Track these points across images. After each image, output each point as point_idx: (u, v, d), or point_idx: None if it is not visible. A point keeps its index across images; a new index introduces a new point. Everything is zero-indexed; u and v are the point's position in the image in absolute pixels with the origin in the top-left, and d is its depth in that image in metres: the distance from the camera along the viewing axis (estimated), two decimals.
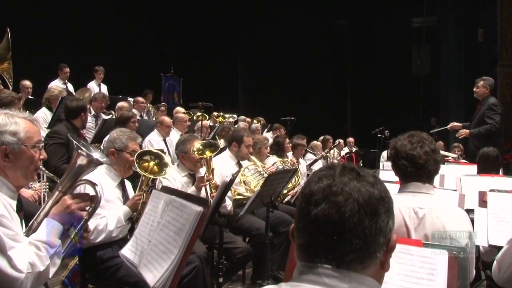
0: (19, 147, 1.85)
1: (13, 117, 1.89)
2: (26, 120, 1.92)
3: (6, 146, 1.82)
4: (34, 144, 1.91)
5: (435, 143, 2.27)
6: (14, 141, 1.84)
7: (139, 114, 8.22)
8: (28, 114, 2.00)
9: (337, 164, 1.13)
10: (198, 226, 1.88)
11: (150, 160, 3.14)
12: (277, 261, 4.54)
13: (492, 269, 2.26)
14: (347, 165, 1.12)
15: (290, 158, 6.22)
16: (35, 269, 1.73)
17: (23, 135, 1.86)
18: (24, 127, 1.88)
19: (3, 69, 5.15)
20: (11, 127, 1.85)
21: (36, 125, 1.97)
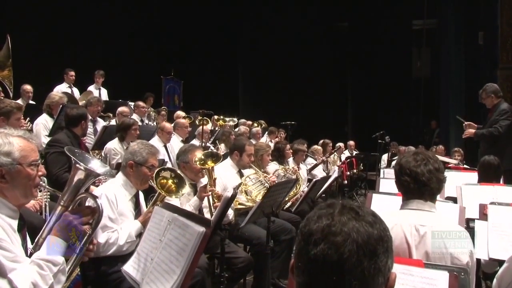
0: (15, 167, 1.84)
1: (7, 137, 1.87)
2: (21, 139, 1.90)
3: (2, 167, 1.81)
4: (30, 163, 1.89)
5: (440, 162, 2.27)
6: (9, 162, 1.83)
7: (140, 118, 8.22)
8: (24, 132, 1.98)
9: (336, 203, 1.14)
10: (201, 246, 1.89)
11: (169, 178, 3.15)
12: (277, 269, 4.55)
13: (493, 286, 2.27)
14: (346, 204, 1.12)
15: (291, 165, 6.23)
16: None
17: (17, 155, 1.85)
18: (18, 147, 1.87)
19: (3, 76, 5.16)
20: (4, 148, 1.84)
21: (31, 143, 1.94)
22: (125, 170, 3.09)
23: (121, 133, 5.42)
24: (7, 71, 5.15)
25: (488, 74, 10.26)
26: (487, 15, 10.63)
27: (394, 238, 2.12)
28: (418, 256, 2.09)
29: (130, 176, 3.07)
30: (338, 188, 7.03)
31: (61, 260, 1.84)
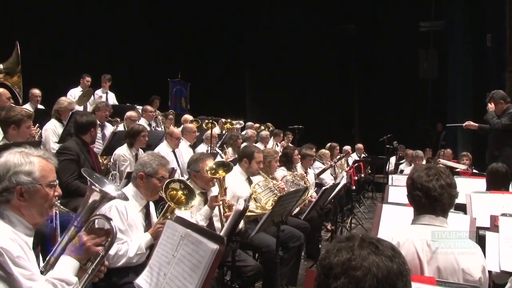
0: (34, 186, 1.87)
1: (28, 156, 1.91)
2: (41, 159, 1.94)
3: (21, 186, 1.85)
4: (49, 183, 1.93)
5: (452, 177, 2.27)
6: (29, 181, 1.86)
7: (148, 122, 8.25)
8: (43, 152, 2.02)
9: (356, 236, 1.14)
10: (214, 264, 1.90)
11: (179, 190, 3.16)
12: (286, 276, 4.57)
13: None
14: (366, 238, 1.13)
15: (300, 171, 6.24)
16: None
17: (38, 175, 1.89)
18: (39, 166, 1.90)
19: (13, 83, 5.19)
20: (26, 167, 1.87)
21: (51, 163, 1.98)
22: (135, 181, 3.10)
23: (130, 139, 5.44)
24: (16, 77, 5.18)
25: (496, 77, 10.22)
26: (495, 17, 10.57)
27: (405, 254, 2.13)
28: (430, 271, 2.09)
29: (140, 187, 3.09)
30: (345, 192, 7.02)
31: (74, 280, 1.88)
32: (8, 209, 1.85)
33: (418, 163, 8.08)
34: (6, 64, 5.12)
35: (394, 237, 2.20)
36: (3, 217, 1.84)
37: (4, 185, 1.84)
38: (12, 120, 3.87)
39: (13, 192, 1.84)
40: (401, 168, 9.19)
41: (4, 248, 1.68)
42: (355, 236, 1.15)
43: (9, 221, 1.84)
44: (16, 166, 1.86)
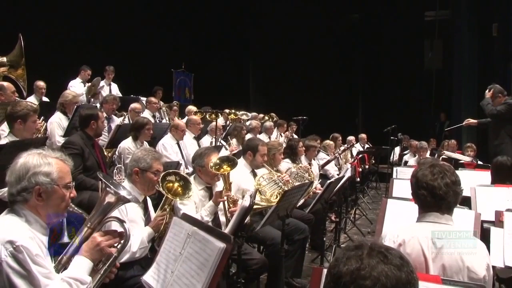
0: (52, 187, 1.93)
1: (46, 158, 1.96)
2: (58, 160, 2.00)
3: (40, 186, 1.90)
4: (66, 184, 1.99)
5: (456, 174, 2.27)
6: (47, 182, 1.92)
7: (152, 114, 8.26)
8: (60, 154, 2.07)
9: (364, 244, 1.15)
10: (221, 262, 1.92)
11: (175, 182, 3.19)
12: (291, 268, 4.61)
13: None
14: (375, 246, 1.14)
15: (304, 163, 6.24)
16: None
17: (55, 176, 1.94)
18: (56, 168, 1.96)
19: (17, 76, 5.22)
20: (44, 168, 1.93)
21: (67, 165, 2.04)
22: (131, 177, 3.13)
23: (135, 132, 5.46)
24: (20, 70, 5.21)
25: (502, 67, 10.14)
26: (501, 6, 10.47)
27: (411, 251, 2.16)
28: (434, 269, 2.11)
29: (136, 183, 3.12)
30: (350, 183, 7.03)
31: (88, 279, 1.92)
32: (25, 208, 1.90)
33: (422, 154, 8.07)
34: (9, 57, 5.14)
35: (400, 234, 2.21)
36: (21, 216, 1.89)
37: (24, 185, 1.89)
38: (18, 115, 3.89)
39: (31, 192, 1.89)
40: (405, 159, 9.18)
41: (24, 246, 1.73)
42: (363, 244, 1.16)
43: (26, 220, 1.89)
44: (35, 167, 1.92)
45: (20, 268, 1.72)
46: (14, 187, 1.90)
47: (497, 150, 5.86)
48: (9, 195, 1.92)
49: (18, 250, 1.72)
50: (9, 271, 1.71)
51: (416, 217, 2.33)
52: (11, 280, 1.70)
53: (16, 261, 1.72)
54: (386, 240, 2.23)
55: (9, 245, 1.73)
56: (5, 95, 4.86)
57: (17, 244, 1.73)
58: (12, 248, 1.72)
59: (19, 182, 1.89)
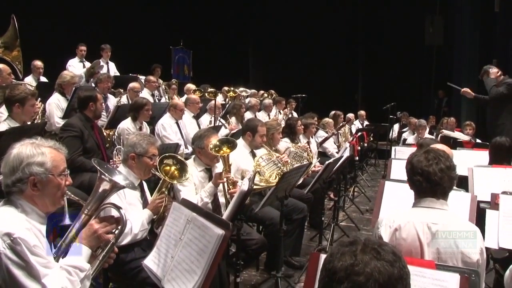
0: (47, 176, 1.93)
1: (39, 147, 1.96)
2: (52, 149, 1.99)
3: (34, 176, 1.90)
4: (61, 173, 1.98)
5: (451, 159, 2.30)
6: (42, 172, 1.92)
7: (151, 93, 8.24)
8: (54, 143, 2.06)
9: (358, 240, 1.18)
10: (220, 249, 1.96)
11: (172, 165, 3.21)
12: (289, 247, 4.68)
13: (505, 277, 2.33)
14: (368, 243, 1.17)
15: (303, 142, 6.26)
16: None
17: (49, 165, 1.94)
18: (50, 157, 1.95)
19: (13, 58, 5.17)
20: (38, 158, 1.92)
21: (61, 153, 2.03)
22: (127, 162, 3.15)
23: (134, 113, 5.46)
24: (16, 52, 5.16)
25: (503, 43, 10.05)
26: None
27: (406, 236, 2.20)
28: (429, 253, 2.15)
29: (133, 167, 3.14)
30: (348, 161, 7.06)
31: (87, 266, 1.95)
32: (22, 198, 1.91)
33: (421, 132, 8.08)
34: (3, 39, 5.09)
35: (396, 219, 2.25)
36: (17, 206, 1.90)
37: (18, 176, 1.89)
38: (16, 99, 3.89)
39: (26, 182, 1.90)
40: (404, 136, 9.19)
41: (21, 238, 1.75)
42: (357, 240, 1.19)
43: (23, 210, 1.90)
44: (28, 157, 1.92)
45: (18, 259, 1.74)
46: (9, 178, 1.90)
47: (498, 130, 5.89)
48: (4, 186, 1.93)
49: (16, 242, 1.74)
50: (8, 263, 1.73)
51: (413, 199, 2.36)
52: (10, 271, 1.73)
53: (14, 253, 1.74)
54: (382, 225, 2.27)
55: (7, 238, 1.74)
56: (1, 77, 4.85)
57: (15, 236, 1.74)
58: (10, 241, 1.74)
59: (14, 173, 1.90)
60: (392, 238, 2.22)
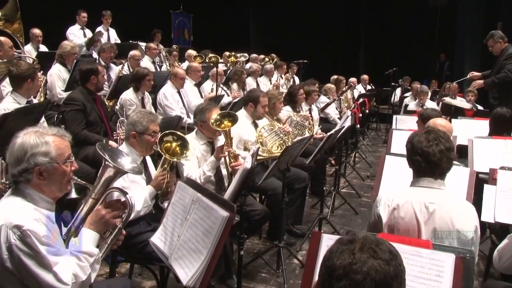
0: (52, 165, 1.95)
1: (43, 136, 1.96)
2: (56, 137, 2.00)
3: (40, 166, 1.92)
4: (65, 160, 2.00)
5: (451, 141, 2.34)
6: (47, 161, 1.93)
7: (152, 60, 8.19)
8: (57, 130, 2.07)
9: (357, 239, 1.24)
10: (225, 230, 2.03)
11: (173, 141, 3.24)
12: (291, 216, 4.79)
13: (493, 257, 2.42)
14: (366, 242, 1.23)
15: (305, 110, 6.28)
16: (78, 280, 1.91)
17: (54, 154, 1.95)
18: (54, 145, 1.97)
19: (14, 30, 5.13)
20: (42, 148, 1.93)
21: (65, 140, 2.04)
22: (129, 140, 3.19)
23: (135, 83, 5.46)
24: (17, 24, 5.12)
25: (509, 4, 9.85)
26: None
27: (404, 215, 2.28)
28: (426, 232, 2.22)
29: (134, 145, 3.18)
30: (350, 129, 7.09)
31: (96, 251, 2.02)
32: (29, 187, 1.94)
33: (423, 98, 8.05)
34: (4, 11, 5.04)
35: (394, 198, 2.31)
36: (25, 196, 1.93)
37: (24, 166, 1.91)
38: (27, 74, 3.91)
39: (32, 172, 1.92)
40: (406, 102, 9.15)
41: (30, 230, 1.80)
42: (356, 239, 1.25)
43: (31, 198, 1.93)
44: (32, 147, 1.93)
45: (29, 250, 1.79)
46: (15, 168, 1.93)
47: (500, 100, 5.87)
48: (11, 176, 1.96)
49: (25, 235, 1.79)
50: (19, 253, 1.79)
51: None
52: (22, 262, 1.79)
53: (25, 244, 1.79)
54: (381, 204, 2.34)
55: (17, 230, 1.79)
56: (3, 50, 4.82)
57: (24, 228, 1.79)
58: (20, 233, 1.78)
59: (19, 164, 1.92)
60: (390, 217, 2.29)
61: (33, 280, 1.82)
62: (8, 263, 1.80)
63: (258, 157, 4.39)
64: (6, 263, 1.80)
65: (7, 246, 1.79)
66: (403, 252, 1.90)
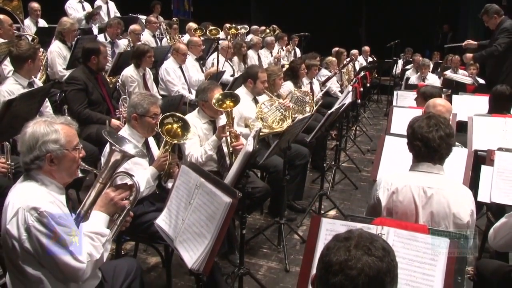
0: (62, 152, 2.05)
1: (52, 125, 2.06)
2: (64, 125, 2.10)
3: (51, 153, 2.03)
4: (74, 147, 2.11)
5: (451, 126, 2.38)
6: (57, 148, 2.04)
7: (152, 34, 8.13)
8: (65, 119, 2.17)
9: (352, 237, 1.31)
10: (228, 216, 2.10)
11: (174, 123, 3.27)
12: (292, 192, 4.87)
13: (489, 235, 2.49)
14: (361, 240, 1.30)
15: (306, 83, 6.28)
16: (93, 258, 2.02)
17: (64, 141, 2.06)
18: (63, 133, 2.07)
19: (13, 8, 5.10)
20: (52, 136, 2.04)
21: (73, 128, 2.15)
22: (131, 123, 3.24)
23: (136, 60, 5.44)
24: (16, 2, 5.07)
25: None
26: None
27: (403, 199, 2.34)
28: (424, 215, 2.29)
29: (136, 127, 3.23)
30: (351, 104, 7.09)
31: (107, 232, 2.12)
32: (41, 173, 2.05)
33: (424, 71, 8.03)
34: None
35: (393, 182, 2.37)
36: (37, 181, 2.04)
37: (36, 154, 2.01)
38: (28, 55, 3.91)
39: (44, 159, 2.02)
40: (407, 74, 9.10)
41: (47, 211, 1.90)
42: (351, 236, 1.32)
43: (43, 183, 2.04)
44: (43, 135, 2.02)
45: (46, 230, 1.90)
46: (27, 156, 2.02)
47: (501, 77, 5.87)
48: (23, 164, 2.05)
49: (42, 215, 1.89)
50: (38, 234, 1.90)
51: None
52: (41, 242, 1.90)
53: (42, 225, 1.89)
54: (380, 187, 2.40)
55: (34, 211, 1.90)
56: (3, 28, 4.80)
57: (41, 210, 1.90)
58: (37, 214, 1.89)
59: (31, 152, 2.02)
60: (389, 200, 2.35)
61: (51, 260, 1.93)
62: (27, 244, 1.92)
63: (260, 133, 4.44)
64: (25, 244, 1.92)
65: (26, 228, 1.90)
66: (400, 236, 1.98)
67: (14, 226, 1.92)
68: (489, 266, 2.78)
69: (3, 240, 2.02)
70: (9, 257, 2.02)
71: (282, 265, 3.84)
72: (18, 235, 1.91)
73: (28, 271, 1.96)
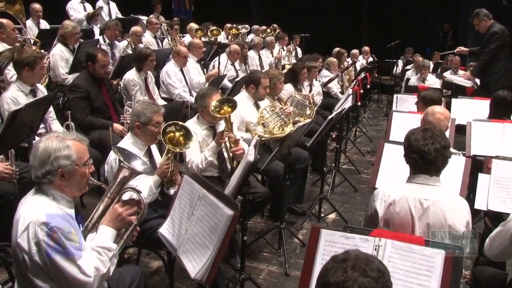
0: (73, 167, 2.11)
1: (64, 141, 2.12)
2: (75, 141, 2.16)
3: (62, 168, 2.09)
4: (85, 163, 2.17)
5: (446, 139, 2.43)
6: (68, 163, 2.10)
7: (153, 35, 8.17)
8: (77, 135, 2.23)
9: (349, 258, 1.37)
10: (230, 228, 2.16)
11: (176, 131, 3.32)
12: (292, 195, 4.92)
13: (485, 245, 2.55)
14: (358, 261, 1.36)
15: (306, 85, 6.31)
16: (100, 272, 2.08)
17: (75, 157, 2.12)
18: (75, 149, 2.13)
19: (16, 11, 5.14)
20: (64, 152, 2.10)
21: (84, 144, 2.21)
22: (134, 131, 3.29)
23: (138, 63, 5.48)
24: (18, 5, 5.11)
25: None
26: None
27: (399, 210, 2.40)
28: (420, 226, 2.35)
29: (139, 136, 3.28)
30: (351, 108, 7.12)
31: (114, 246, 2.18)
32: (52, 188, 2.11)
33: (424, 73, 8.08)
34: None
35: (391, 194, 2.43)
36: (48, 195, 2.10)
37: (47, 168, 2.07)
38: (26, 62, 3.92)
39: (55, 174, 2.08)
40: (408, 75, 9.14)
41: (57, 226, 1.96)
42: (348, 258, 1.38)
43: (53, 198, 2.11)
44: (55, 151, 2.08)
45: (56, 245, 1.96)
46: (39, 171, 2.08)
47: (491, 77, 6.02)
48: (35, 177, 2.11)
49: (52, 231, 1.95)
50: (47, 248, 1.95)
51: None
52: (50, 256, 1.96)
53: (52, 240, 1.95)
54: (378, 198, 2.46)
55: (44, 227, 1.95)
56: (6, 32, 4.84)
57: (51, 225, 1.95)
58: (48, 229, 1.95)
59: (43, 166, 2.07)
60: (386, 211, 2.41)
61: (59, 273, 1.99)
62: (37, 257, 1.98)
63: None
64: (35, 257, 1.98)
65: (36, 242, 1.97)
66: (397, 247, 2.04)
67: (25, 240, 1.98)
68: (485, 273, 2.84)
69: (14, 252, 2.08)
70: (19, 269, 2.08)
71: (283, 269, 3.90)
72: (28, 248, 1.97)
73: (37, 283, 2.02)
